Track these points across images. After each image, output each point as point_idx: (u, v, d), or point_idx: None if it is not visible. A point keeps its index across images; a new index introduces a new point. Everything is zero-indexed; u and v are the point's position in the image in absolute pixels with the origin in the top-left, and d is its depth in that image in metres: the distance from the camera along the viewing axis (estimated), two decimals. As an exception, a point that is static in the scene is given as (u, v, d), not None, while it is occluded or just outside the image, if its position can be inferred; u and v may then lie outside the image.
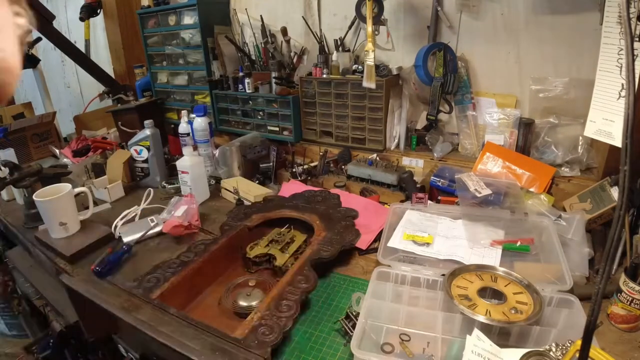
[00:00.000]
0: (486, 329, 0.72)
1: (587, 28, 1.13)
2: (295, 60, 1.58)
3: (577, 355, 0.55)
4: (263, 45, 1.60)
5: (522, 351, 0.65)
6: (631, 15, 0.38)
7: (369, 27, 1.24)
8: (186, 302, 0.90)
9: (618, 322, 0.79)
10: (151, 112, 1.78)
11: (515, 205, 1.06)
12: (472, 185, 1.12)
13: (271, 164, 1.51)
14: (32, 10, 0.30)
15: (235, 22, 1.74)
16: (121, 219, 1.21)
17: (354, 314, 0.79)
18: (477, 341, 0.67)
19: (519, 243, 0.96)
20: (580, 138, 1.20)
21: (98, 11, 2.09)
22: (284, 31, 1.55)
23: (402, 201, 1.22)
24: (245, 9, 1.65)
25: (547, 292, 0.78)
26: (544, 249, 0.95)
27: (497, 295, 0.80)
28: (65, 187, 1.14)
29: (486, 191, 1.10)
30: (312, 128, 1.57)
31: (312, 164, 1.51)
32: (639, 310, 0.77)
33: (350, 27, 1.48)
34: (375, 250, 1.03)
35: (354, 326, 0.76)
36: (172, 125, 1.89)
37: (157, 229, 1.15)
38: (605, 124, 0.86)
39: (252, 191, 1.31)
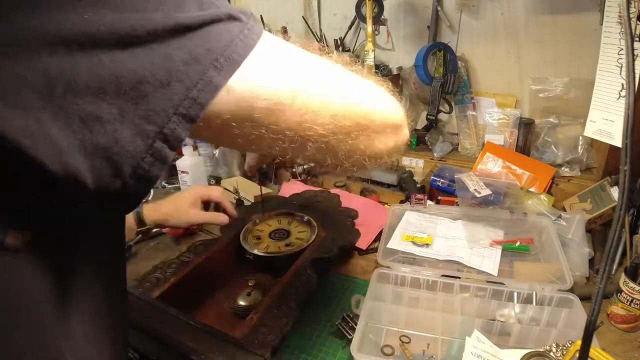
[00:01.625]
0: (485, 329, 0.72)
1: (587, 28, 1.13)
2: (295, 60, 1.58)
3: (577, 355, 0.55)
4: (263, 45, 1.60)
5: (522, 352, 0.65)
6: (631, 15, 0.38)
7: (369, 27, 1.24)
8: (186, 302, 0.90)
9: (618, 322, 0.79)
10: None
11: (515, 205, 1.06)
12: (472, 185, 1.12)
13: (271, 164, 1.51)
14: None
15: (235, 22, 1.74)
16: (121, 219, 1.20)
17: (351, 316, 0.79)
18: (476, 342, 0.67)
19: (518, 243, 0.96)
20: (580, 138, 1.20)
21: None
22: (284, 31, 1.55)
23: (401, 201, 1.22)
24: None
25: (548, 292, 0.78)
26: (544, 248, 0.95)
27: (286, 234, 1.01)
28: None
29: (486, 191, 1.10)
30: (312, 128, 1.57)
31: (312, 164, 1.51)
32: (639, 310, 0.77)
33: (350, 27, 1.48)
34: (375, 250, 1.03)
35: (351, 328, 0.76)
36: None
37: (157, 228, 1.14)
38: (605, 124, 0.86)
39: (252, 191, 1.31)
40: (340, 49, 1.49)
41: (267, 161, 0.92)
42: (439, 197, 1.19)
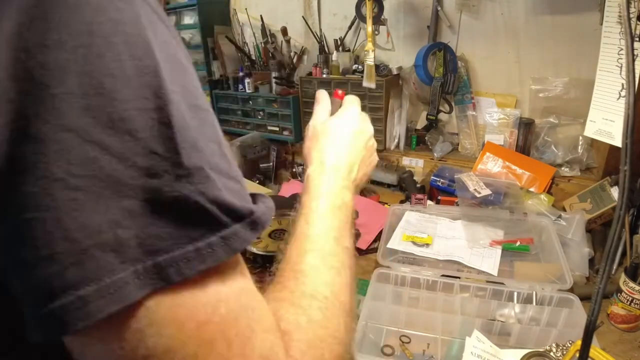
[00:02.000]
0: (485, 329, 0.71)
1: (587, 28, 1.13)
2: (295, 60, 1.58)
3: (577, 355, 0.55)
4: (263, 45, 1.60)
5: (523, 352, 0.65)
6: (631, 15, 0.38)
7: (369, 27, 1.24)
8: (186, 302, 0.90)
9: (618, 322, 0.79)
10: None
11: (515, 205, 1.06)
12: (472, 185, 1.12)
13: (271, 164, 1.51)
14: None
15: (235, 22, 1.74)
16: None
17: (352, 315, 0.79)
18: (476, 342, 0.67)
19: (518, 243, 0.96)
20: (580, 138, 1.20)
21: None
22: (284, 31, 1.54)
23: (401, 201, 1.22)
24: (245, 9, 1.65)
25: (548, 292, 0.78)
26: (544, 248, 0.95)
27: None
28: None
29: (486, 191, 1.10)
30: (312, 128, 1.57)
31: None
32: (639, 310, 0.77)
33: (350, 27, 1.48)
34: (375, 250, 1.03)
35: (352, 328, 0.76)
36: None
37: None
38: (605, 124, 0.86)
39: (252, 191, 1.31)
40: (340, 48, 1.49)
41: None
42: (439, 197, 1.19)
